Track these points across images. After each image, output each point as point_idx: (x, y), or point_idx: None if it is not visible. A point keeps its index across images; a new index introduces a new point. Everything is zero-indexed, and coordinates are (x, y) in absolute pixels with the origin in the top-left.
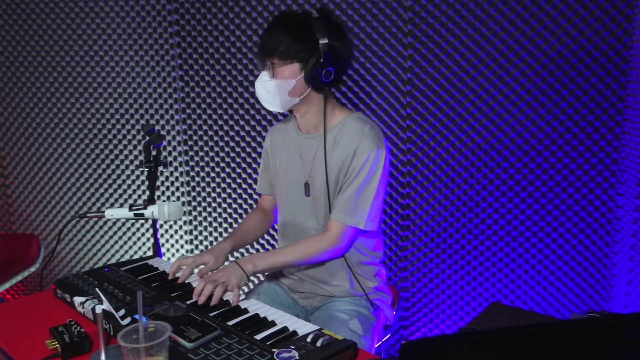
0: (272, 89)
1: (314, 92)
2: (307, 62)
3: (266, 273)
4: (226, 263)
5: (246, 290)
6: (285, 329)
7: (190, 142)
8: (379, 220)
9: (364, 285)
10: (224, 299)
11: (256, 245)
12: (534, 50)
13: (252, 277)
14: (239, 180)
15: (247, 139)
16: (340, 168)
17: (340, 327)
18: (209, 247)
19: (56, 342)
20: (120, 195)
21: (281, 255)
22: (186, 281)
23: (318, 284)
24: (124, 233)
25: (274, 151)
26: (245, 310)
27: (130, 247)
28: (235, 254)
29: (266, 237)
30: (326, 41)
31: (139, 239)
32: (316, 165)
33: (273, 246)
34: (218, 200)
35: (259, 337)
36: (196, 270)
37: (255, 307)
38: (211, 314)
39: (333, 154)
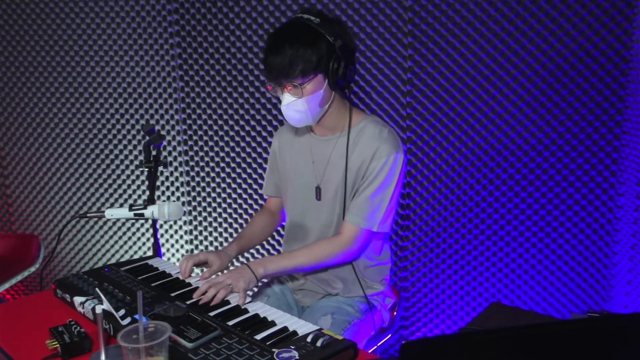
0: (302, 107)
1: (337, 95)
2: (328, 70)
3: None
4: (231, 267)
5: (251, 293)
6: (285, 329)
7: (190, 142)
8: (391, 222)
9: (367, 288)
10: (230, 300)
11: (262, 250)
12: (534, 50)
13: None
14: (239, 180)
15: (247, 138)
16: (357, 170)
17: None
18: (209, 248)
19: (56, 342)
20: (120, 195)
21: (293, 259)
22: (187, 281)
23: (318, 283)
24: (124, 233)
25: (282, 152)
26: (245, 310)
27: (130, 247)
28: (241, 258)
29: (272, 241)
30: (340, 42)
31: (139, 239)
32: (330, 168)
33: (279, 251)
34: (218, 200)
35: (259, 337)
36: (197, 271)
37: (255, 307)
38: (211, 314)
39: (352, 156)
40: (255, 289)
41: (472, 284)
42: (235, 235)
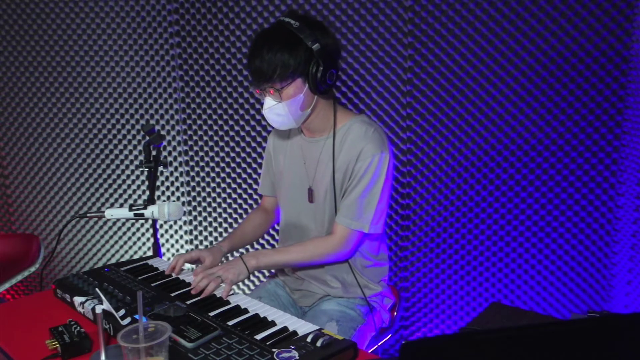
0: (283, 111)
1: (321, 98)
2: (308, 73)
3: (268, 273)
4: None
5: (247, 291)
6: (285, 329)
7: (190, 142)
8: (383, 223)
9: (365, 289)
10: (215, 294)
11: (256, 246)
12: (534, 50)
13: (253, 277)
14: (239, 180)
15: (247, 138)
16: (344, 171)
17: None
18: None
19: (56, 342)
20: (120, 195)
21: (286, 254)
22: (186, 280)
23: (316, 283)
24: (124, 233)
25: (276, 153)
26: (245, 310)
27: (130, 247)
28: (235, 253)
29: (266, 237)
30: (318, 45)
31: (139, 239)
32: (320, 169)
33: (273, 246)
34: (218, 200)
35: (259, 337)
36: (188, 266)
37: (255, 307)
38: (211, 314)
39: (338, 157)
40: (252, 286)
41: (472, 284)
42: None
